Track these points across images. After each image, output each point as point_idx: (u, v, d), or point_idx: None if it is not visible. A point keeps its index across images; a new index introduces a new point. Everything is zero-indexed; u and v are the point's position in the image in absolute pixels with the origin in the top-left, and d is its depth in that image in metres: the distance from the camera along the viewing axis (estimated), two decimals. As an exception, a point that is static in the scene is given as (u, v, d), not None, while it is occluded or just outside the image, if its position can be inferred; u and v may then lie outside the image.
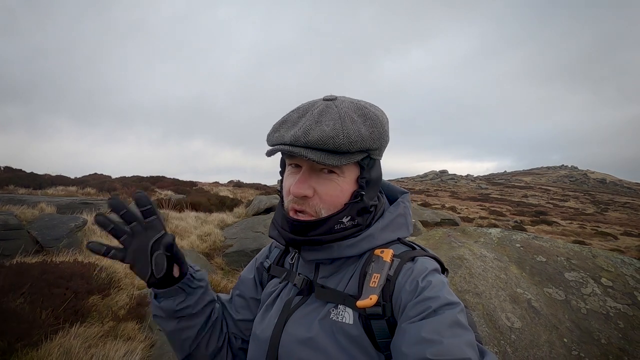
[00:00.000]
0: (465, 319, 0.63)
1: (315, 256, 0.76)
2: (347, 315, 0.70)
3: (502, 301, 2.02)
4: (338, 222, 0.73)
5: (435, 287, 0.65)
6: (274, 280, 0.88)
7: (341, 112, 0.70)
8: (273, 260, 0.92)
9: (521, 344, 1.80)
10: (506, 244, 2.56)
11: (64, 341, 2.87)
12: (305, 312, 0.75)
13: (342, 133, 0.67)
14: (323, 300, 0.75)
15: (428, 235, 2.75)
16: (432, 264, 0.71)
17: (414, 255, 0.73)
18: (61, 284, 3.50)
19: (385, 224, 0.78)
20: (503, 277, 2.20)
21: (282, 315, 0.77)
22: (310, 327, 0.72)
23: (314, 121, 0.69)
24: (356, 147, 0.69)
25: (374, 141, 0.72)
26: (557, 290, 2.16)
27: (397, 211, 0.82)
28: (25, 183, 10.74)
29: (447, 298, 0.63)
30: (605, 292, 2.14)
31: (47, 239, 5.09)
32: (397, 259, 0.71)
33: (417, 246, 0.78)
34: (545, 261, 2.36)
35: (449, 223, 14.78)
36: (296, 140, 0.68)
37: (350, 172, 0.74)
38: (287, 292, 0.82)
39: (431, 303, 0.62)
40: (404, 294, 0.66)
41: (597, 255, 2.43)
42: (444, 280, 0.68)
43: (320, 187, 0.72)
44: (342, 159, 0.69)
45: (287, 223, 0.75)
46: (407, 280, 0.68)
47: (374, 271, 0.70)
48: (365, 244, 0.75)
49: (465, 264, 2.26)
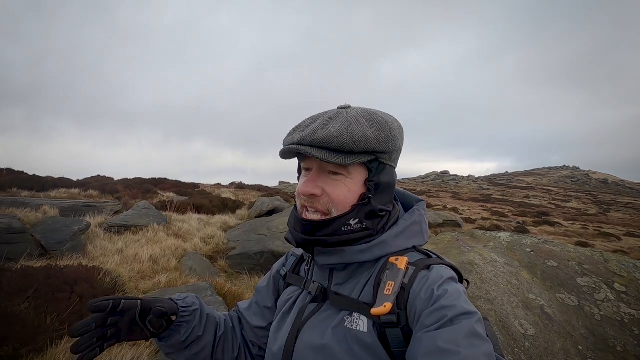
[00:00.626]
0: (483, 329, 0.61)
1: (328, 261, 0.77)
2: (361, 323, 0.70)
3: (515, 307, 1.99)
4: (345, 224, 0.74)
5: (451, 296, 0.64)
6: (290, 288, 0.89)
7: (349, 116, 0.73)
8: (289, 269, 0.93)
9: (535, 351, 1.77)
10: (516, 249, 2.53)
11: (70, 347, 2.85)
12: (319, 320, 0.76)
13: (346, 133, 0.70)
14: (337, 308, 0.75)
15: (437, 239, 2.73)
16: (448, 273, 0.70)
17: (430, 263, 0.72)
18: (66, 289, 3.48)
19: (400, 231, 0.78)
20: (515, 283, 2.17)
21: (297, 322, 0.78)
22: (324, 335, 0.72)
23: (322, 124, 0.72)
24: (360, 148, 0.70)
25: (380, 143, 0.72)
26: (569, 295, 2.13)
27: (412, 219, 0.81)
28: (28, 185, 10.74)
29: (463, 307, 0.62)
30: (618, 298, 2.11)
31: (50, 243, 5.07)
32: (412, 267, 0.71)
33: (433, 254, 0.77)
34: (556, 266, 2.33)
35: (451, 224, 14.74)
36: (303, 140, 0.71)
37: (358, 174, 0.75)
38: (302, 299, 0.83)
39: (447, 312, 0.61)
40: (419, 302, 0.65)
41: (609, 259, 2.40)
42: (460, 289, 0.67)
43: (328, 187, 0.74)
44: (346, 158, 0.70)
45: (298, 223, 0.77)
46: (422, 288, 0.67)
47: (388, 279, 0.69)
48: (377, 251, 0.75)
49: (476, 269, 2.23)
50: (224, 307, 3.66)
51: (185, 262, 5.89)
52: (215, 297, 3.87)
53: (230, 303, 3.92)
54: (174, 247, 6.31)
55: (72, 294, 3.43)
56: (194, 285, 4.20)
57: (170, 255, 5.96)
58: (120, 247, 5.77)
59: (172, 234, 7.23)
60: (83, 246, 5.47)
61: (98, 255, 5.23)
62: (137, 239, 6.39)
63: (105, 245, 5.74)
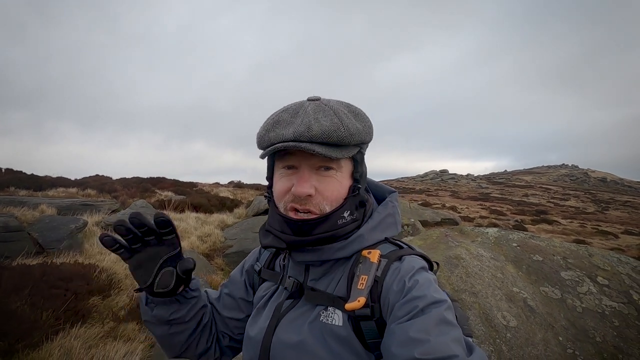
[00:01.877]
0: (453, 315, 0.63)
1: (305, 258, 0.77)
2: (336, 317, 0.70)
3: (498, 300, 2.04)
4: (340, 217, 0.74)
5: (422, 286, 0.65)
6: (265, 284, 0.88)
7: (334, 109, 0.72)
8: (263, 264, 0.91)
9: (516, 342, 1.82)
10: (503, 244, 2.57)
11: (65, 342, 2.89)
12: (295, 316, 0.76)
13: (342, 126, 0.69)
14: (313, 303, 0.75)
15: (425, 235, 2.77)
16: (419, 262, 0.72)
17: (401, 254, 0.73)
18: (61, 285, 3.52)
19: (375, 224, 0.79)
20: (499, 277, 2.21)
21: (273, 319, 0.78)
22: (299, 331, 0.72)
23: (313, 118, 0.69)
24: (355, 140, 0.71)
25: (367, 135, 0.75)
26: (553, 289, 2.17)
27: (385, 211, 0.82)
28: (26, 185, 10.76)
29: (433, 296, 0.63)
30: (601, 291, 2.15)
31: (47, 241, 5.11)
32: (385, 259, 0.72)
33: (404, 245, 0.78)
34: (541, 260, 2.38)
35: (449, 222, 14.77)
36: (300, 136, 0.68)
37: (346, 167, 0.76)
38: (277, 295, 0.83)
39: (418, 302, 0.62)
40: (391, 294, 0.67)
41: (593, 254, 2.45)
42: (430, 278, 0.68)
43: (322, 185, 0.73)
44: (343, 152, 0.71)
45: (288, 226, 0.74)
46: (394, 280, 0.68)
47: (361, 273, 0.70)
48: (355, 245, 0.75)
49: (462, 263, 2.27)
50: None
51: (181, 260, 5.92)
52: (209, 293, 3.92)
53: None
54: (171, 245, 6.34)
55: (68, 290, 3.48)
56: (189, 282, 4.24)
57: (167, 253, 5.99)
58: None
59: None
60: (80, 244, 5.50)
61: (95, 253, 5.27)
62: (134, 237, 6.42)
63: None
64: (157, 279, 0.74)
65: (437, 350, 0.56)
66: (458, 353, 0.57)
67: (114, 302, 3.68)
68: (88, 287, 3.68)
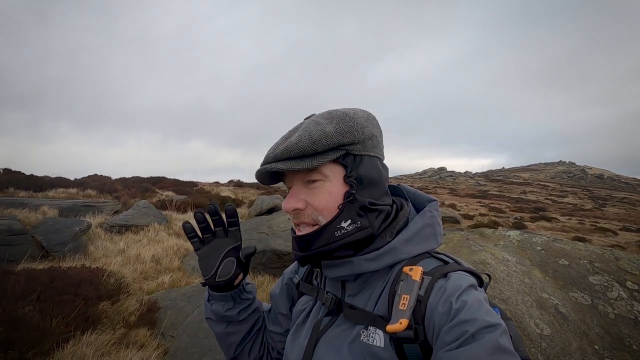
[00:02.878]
0: (509, 340, 0.57)
1: (337, 273, 0.74)
2: (377, 338, 0.67)
3: (529, 307, 1.99)
4: (337, 228, 0.70)
5: (471, 308, 0.59)
6: (303, 298, 0.87)
7: (308, 122, 0.71)
8: (302, 277, 0.90)
9: (552, 351, 1.77)
10: (527, 247, 2.53)
11: (77, 349, 2.82)
12: (334, 335, 0.73)
13: (305, 137, 0.68)
14: (352, 322, 0.72)
15: (446, 238, 2.72)
16: (467, 280, 0.66)
17: (447, 271, 0.67)
18: (70, 291, 3.45)
19: (410, 236, 0.73)
20: (527, 282, 2.17)
21: (312, 338, 0.76)
22: (340, 351, 0.69)
23: (284, 138, 0.72)
24: (322, 146, 0.67)
25: (343, 135, 0.69)
26: (582, 294, 2.13)
27: (423, 221, 0.76)
28: (25, 185, 10.63)
29: (485, 320, 0.57)
30: (631, 296, 2.11)
31: (52, 244, 5.02)
32: (428, 277, 0.66)
33: (450, 259, 0.73)
34: (568, 264, 2.33)
35: (450, 221, 14.78)
36: (267, 159, 0.72)
37: (334, 174, 0.71)
38: (316, 311, 0.81)
39: (468, 327, 0.57)
40: (436, 316, 0.61)
41: (619, 257, 2.41)
42: (481, 298, 0.63)
43: (310, 197, 0.71)
44: (312, 160, 0.68)
45: (294, 242, 0.76)
46: (439, 301, 0.63)
47: (403, 292, 0.65)
48: (388, 258, 0.71)
49: (488, 268, 2.22)
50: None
51: (187, 261, 5.86)
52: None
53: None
54: (176, 247, 6.28)
55: (77, 296, 3.40)
56: (198, 286, 4.18)
57: (173, 254, 5.93)
58: (122, 247, 5.73)
59: (173, 234, 7.19)
60: (84, 247, 5.43)
61: (100, 256, 5.19)
62: (138, 239, 6.35)
63: (106, 245, 5.70)
64: (220, 269, 0.82)
65: None
66: None
67: (124, 307, 3.61)
68: (97, 292, 3.60)
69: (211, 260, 0.83)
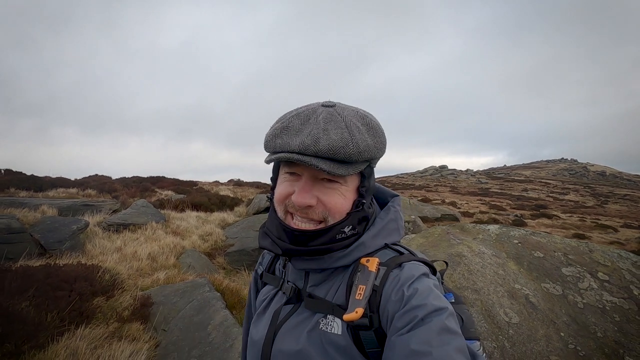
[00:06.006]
0: (455, 322, 0.62)
1: (306, 265, 0.75)
2: (335, 326, 0.69)
3: (500, 297, 2.06)
4: (340, 231, 0.72)
5: (421, 294, 0.63)
6: (266, 288, 0.89)
7: (347, 121, 0.69)
8: (265, 267, 0.92)
9: (519, 338, 1.84)
10: (504, 241, 2.59)
11: (70, 342, 2.91)
12: (294, 323, 0.75)
13: (352, 143, 0.66)
14: (312, 310, 0.74)
15: (427, 233, 2.79)
16: (420, 269, 0.70)
17: (401, 261, 0.71)
18: (65, 287, 3.54)
19: (377, 231, 0.77)
20: (501, 273, 2.23)
21: (272, 326, 0.77)
22: (298, 339, 0.71)
23: (322, 129, 0.67)
24: (364, 157, 0.68)
25: (378, 151, 0.72)
26: (554, 285, 2.19)
27: (387, 217, 0.80)
28: (26, 186, 10.75)
29: (433, 304, 0.62)
30: (601, 287, 2.17)
31: (50, 242, 5.12)
32: (384, 267, 0.70)
33: (405, 250, 0.76)
34: (542, 257, 2.40)
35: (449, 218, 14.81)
36: (305, 149, 0.66)
37: (353, 181, 0.74)
38: (277, 300, 0.83)
39: (418, 312, 0.61)
40: (390, 304, 0.65)
41: (593, 250, 2.47)
42: (431, 285, 0.66)
43: (325, 197, 0.71)
44: (350, 168, 0.68)
45: (285, 233, 0.73)
46: (393, 289, 0.66)
47: (359, 282, 0.68)
48: (356, 253, 0.74)
49: (464, 260, 2.29)
50: (222, 302, 3.73)
51: (183, 259, 5.95)
52: (213, 292, 3.94)
53: (227, 298, 3.98)
54: (173, 245, 6.37)
55: (72, 291, 3.49)
56: (192, 282, 4.26)
57: (169, 252, 6.02)
58: (119, 245, 5.83)
59: (171, 232, 7.28)
60: (82, 245, 5.52)
61: (97, 254, 5.28)
62: (135, 237, 6.45)
63: (104, 243, 5.80)
64: None
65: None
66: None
67: (118, 303, 3.70)
68: (92, 288, 3.69)
69: None
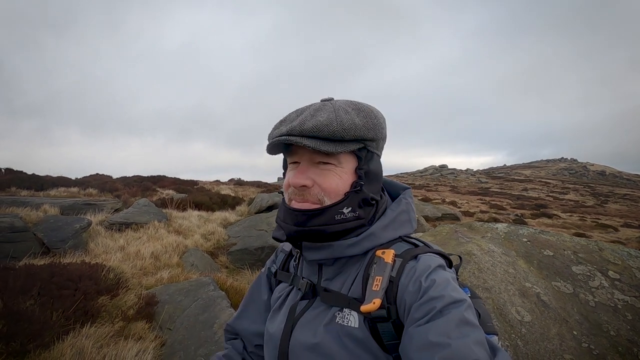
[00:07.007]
0: (474, 315, 0.62)
1: (316, 256, 0.76)
2: (352, 319, 0.70)
3: (512, 295, 2.05)
4: (338, 212, 0.73)
5: (439, 286, 0.63)
6: (281, 285, 0.90)
7: (335, 106, 0.73)
8: (279, 265, 0.93)
9: (532, 337, 1.83)
10: (513, 239, 2.58)
11: (76, 341, 2.89)
12: (310, 317, 0.76)
13: (336, 121, 0.69)
14: (328, 304, 0.75)
15: (435, 231, 2.78)
16: (436, 261, 0.70)
17: (417, 253, 0.71)
18: (70, 286, 3.52)
19: (387, 222, 0.78)
20: (511, 272, 2.22)
21: (289, 321, 0.78)
22: (316, 333, 0.72)
23: (310, 115, 0.71)
24: (349, 135, 0.70)
25: (368, 130, 0.73)
26: (565, 283, 2.18)
27: (399, 208, 0.81)
28: (27, 185, 10.73)
29: (452, 296, 0.61)
30: (612, 285, 2.16)
31: (53, 241, 5.10)
32: (399, 259, 0.70)
33: (420, 242, 0.77)
34: (552, 255, 2.39)
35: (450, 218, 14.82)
36: (292, 130, 0.70)
37: (348, 163, 0.75)
38: (292, 297, 0.83)
39: (436, 303, 0.61)
40: (407, 295, 0.65)
41: (603, 248, 2.46)
42: (448, 277, 0.67)
43: (320, 178, 0.73)
44: (337, 146, 0.70)
45: (289, 215, 0.76)
46: (410, 280, 0.67)
47: (376, 274, 0.69)
48: (367, 243, 0.74)
49: (473, 259, 2.28)
50: (227, 300, 3.72)
51: (186, 258, 5.94)
52: (217, 291, 3.93)
53: (232, 297, 3.97)
54: (175, 244, 6.35)
55: (77, 290, 3.48)
56: (196, 281, 4.25)
57: (172, 251, 6.00)
58: (122, 244, 5.81)
59: (173, 231, 7.26)
60: (85, 244, 5.51)
61: (100, 253, 5.27)
62: (138, 236, 6.43)
63: (106, 242, 5.78)
64: None
65: (459, 355, 0.54)
66: (481, 356, 0.55)
67: (123, 301, 3.68)
68: (96, 287, 3.68)
69: None
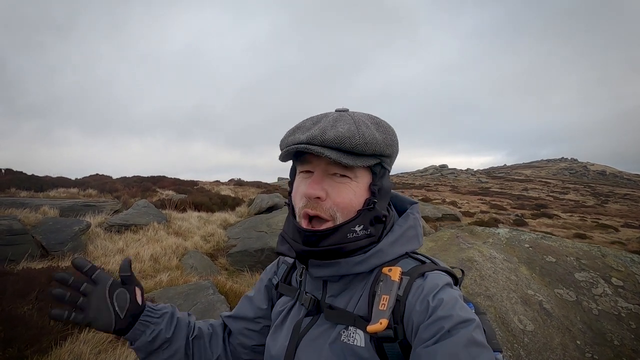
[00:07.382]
0: (482, 335, 0.61)
1: (323, 273, 0.74)
2: (358, 337, 0.68)
3: (514, 303, 2.02)
4: (351, 230, 0.71)
5: (447, 305, 0.62)
6: (282, 299, 0.87)
7: (355, 118, 0.71)
8: (280, 278, 0.91)
9: (534, 347, 1.80)
10: (515, 245, 2.56)
11: (74, 347, 2.87)
12: (315, 335, 0.74)
13: (358, 134, 0.68)
14: (333, 322, 0.73)
15: (436, 236, 2.75)
16: (444, 279, 0.69)
17: (424, 270, 0.70)
18: (68, 290, 3.51)
19: (395, 238, 0.76)
20: (513, 279, 2.20)
21: (293, 339, 0.76)
22: (321, 352, 0.70)
23: (330, 125, 0.69)
24: (370, 150, 0.69)
25: (387, 147, 0.73)
26: (567, 291, 2.16)
27: (406, 223, 0.80)
28: (27, 186, 10.70)
29: (460, 316, 0.60)
30: (616, 292, 2.14)
31: (52, 243, 5.08)
32: (406, 277, 0.69)
33: (427, 259, 0.76)
34: (554, 261, 2.36)
35: (450, 218, 14.80)
36: (313, 139, 0.68)
37: (363, 178, 0.73)
38: (296, 312, 0.81)
39: (444, 323, 0.59)
40: (415, 315, 0.64)
41: (606, 254, 2.43)
42: (456, 295, 0.66)
43: (333, 191, 0.71)
44: (357, 160, 0.69)
45: (299, 234, 0.73)
46: (417, 299, 0.65)
47: (382, 292, 0.67)
48: (374, 260, 0.73)
49: (475, 265, 2.25)
50: (226, 305, 3.69)
51: (186, 260, 5.92)
52: (217, 295, 3.90)
53: (232, 301, 3.94)
54: (175, 246, 6.33)
55: (75, 294, 3.46)
56: (195, 284, 4.22)
57: (171, 253, 5.98)
58: (121, 246, 5.79)
59: (173, 233, 7.24)
60: (84, 246, 5.48)
61: (99, 255, 5.25)
62: (137, 238, 6.41)
63: (106, 244, 5.76)
64: (115, 308, 0.75)
65: None
66: None
67: (121, 306, 3.67)
68: (95, 291, 3.66)
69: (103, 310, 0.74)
